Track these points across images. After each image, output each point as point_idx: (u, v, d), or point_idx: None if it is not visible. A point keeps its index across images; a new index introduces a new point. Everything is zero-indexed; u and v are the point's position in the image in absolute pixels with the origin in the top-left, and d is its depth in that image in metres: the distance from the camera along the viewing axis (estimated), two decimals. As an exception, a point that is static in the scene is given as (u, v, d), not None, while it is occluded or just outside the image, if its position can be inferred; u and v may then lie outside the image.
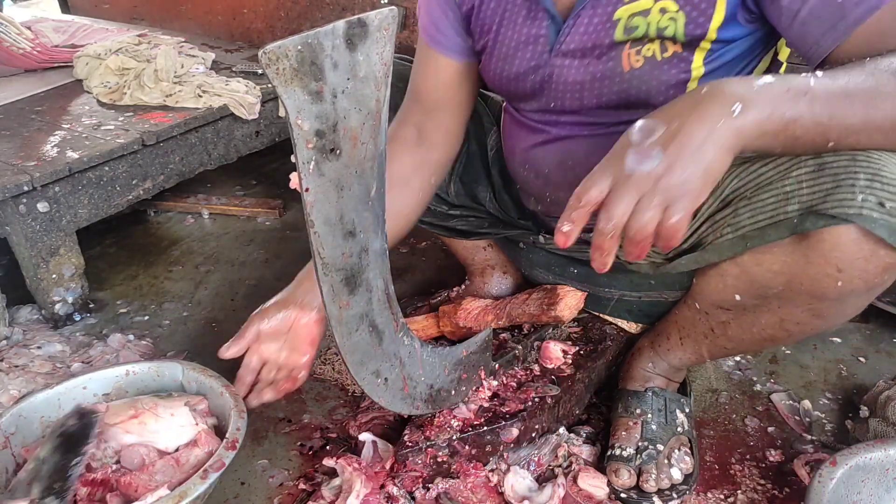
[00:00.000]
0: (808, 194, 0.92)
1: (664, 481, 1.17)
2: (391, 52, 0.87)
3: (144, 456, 1.13)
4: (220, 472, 1.07)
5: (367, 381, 1.08)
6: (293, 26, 2.47)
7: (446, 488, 1.15)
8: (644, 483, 1.17)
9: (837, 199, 0.88)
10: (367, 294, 1.01)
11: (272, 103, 2.06)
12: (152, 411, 1.17)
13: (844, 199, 0.88)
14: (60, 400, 1.24)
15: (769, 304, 1.05)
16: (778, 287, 1.01)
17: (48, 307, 1.67)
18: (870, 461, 1.07)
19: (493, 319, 1.40)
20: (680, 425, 1.25)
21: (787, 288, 1.00)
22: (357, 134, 0.88)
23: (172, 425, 1.16)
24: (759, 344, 1.14)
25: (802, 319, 1.04)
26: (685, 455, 1.21)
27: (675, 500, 1.17)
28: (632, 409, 1.25)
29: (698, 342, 1.21)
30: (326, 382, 1.46)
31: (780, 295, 1.02)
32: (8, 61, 2.21)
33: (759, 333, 1.11)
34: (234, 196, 2.25)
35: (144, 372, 1.29)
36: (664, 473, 1.18)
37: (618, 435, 1.23)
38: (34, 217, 1.60)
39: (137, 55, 2.08)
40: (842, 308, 1.01)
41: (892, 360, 1.49)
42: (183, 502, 1.02)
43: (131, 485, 1.07)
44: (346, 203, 0.91)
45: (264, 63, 0.77)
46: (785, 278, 0.99)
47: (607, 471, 1.20)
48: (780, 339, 1.11)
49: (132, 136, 1.77)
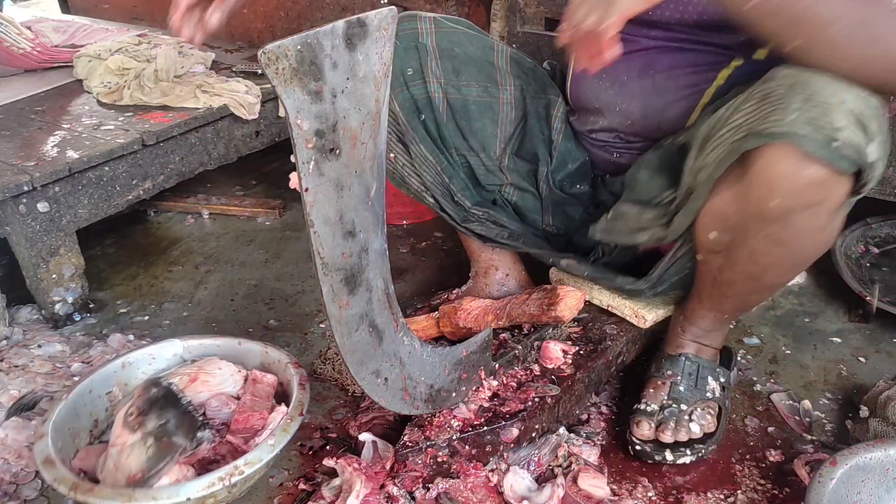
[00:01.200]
0: (752, 121, 0.98)
1: (682, 434, 1.22)
2: (391, 52, 0.87)
3: (225, 403, 1.29)
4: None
5: (367, 381, 1.08)
6: (293, 26, 2.47)
7: (446, 488, 1.15)
8: (661, 434, 1.22)
9: (773, 119, 0.94)
10: (367, 294, 1.01)
11: (272, 103, 2.06)
12: (203, 371, 1.31)
13: (778, 119, 0.94)
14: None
15: (736, 237, 1.10)
16: (735, 216, 1.07)
17: (48, 307, 1.67)
18: (870, 461, 1.07)
19: (493, 320, 1.40)
20: (710, 391, 1.28)
21: (742, 214, 1.05)
22: (357, 134, 0.88)
23: (226, 375, 1.32)
24: (749, 287, 1.18)
25: (766, 249, 1.08)
26: (708, 415, 1.25)
27: (689, 455, 1.21)
28: (664, 370, 1.30)
29: (710, 296, 1.25)
30: (326, 382, 1.46)
31: (740, 225, 1.07)
32: (8, 61, 2.21)
33: (742, 272, 1.15)
34: (234, 196, 2.25)
35: (140, 358, 1.37)
36: (683, 426, 1.22)
37: (646, 392, 1.29)
38: (34, 217, 1.60)
39: (137, 55, 2.08)
40: (793, 232, 1.04)
41: (892, 360, 1.49)
42: (293, 424, 1.17)
43: (239, 420, 1.24)
44: (345, 203, 0.91)
45: (264, 63, 0.77)
46: (737, 205, 1.05)
47: (630, 422, 1.25)
48: (761, 279, 1.15)
49: (132, 136, 1.77)
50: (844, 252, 1.71)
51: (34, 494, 1.24)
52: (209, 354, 1.37)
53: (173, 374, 1.31)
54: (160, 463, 1.10)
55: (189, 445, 1.14)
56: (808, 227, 1.04)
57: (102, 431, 1.29)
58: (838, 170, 0.95)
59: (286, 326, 1.65)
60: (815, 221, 1.03)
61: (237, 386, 1.32)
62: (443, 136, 1.40)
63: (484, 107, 1.41)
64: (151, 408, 1.13)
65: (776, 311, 1.64)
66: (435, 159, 1.39)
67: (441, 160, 1.40)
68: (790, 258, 1.11)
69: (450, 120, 1.39)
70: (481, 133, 1.42)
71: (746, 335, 1.57)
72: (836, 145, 0.92)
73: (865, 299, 1.55)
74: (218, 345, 1.39)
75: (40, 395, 1.41)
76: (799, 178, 0.96)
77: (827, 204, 1.00)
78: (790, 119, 0.92)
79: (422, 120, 1.37)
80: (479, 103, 1.41)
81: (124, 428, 1.13)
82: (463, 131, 1.41)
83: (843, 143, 0.92)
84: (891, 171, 1.62)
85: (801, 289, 1.71)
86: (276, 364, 1.34)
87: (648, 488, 1.21)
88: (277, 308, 1.72)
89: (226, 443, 1.22)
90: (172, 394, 1.16)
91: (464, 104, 1.39)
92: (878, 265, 1.74)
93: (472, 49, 1.39)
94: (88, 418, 1.27)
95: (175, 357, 1.38)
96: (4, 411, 1.37)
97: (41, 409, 1.38)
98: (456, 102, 1.39)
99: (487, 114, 1.41)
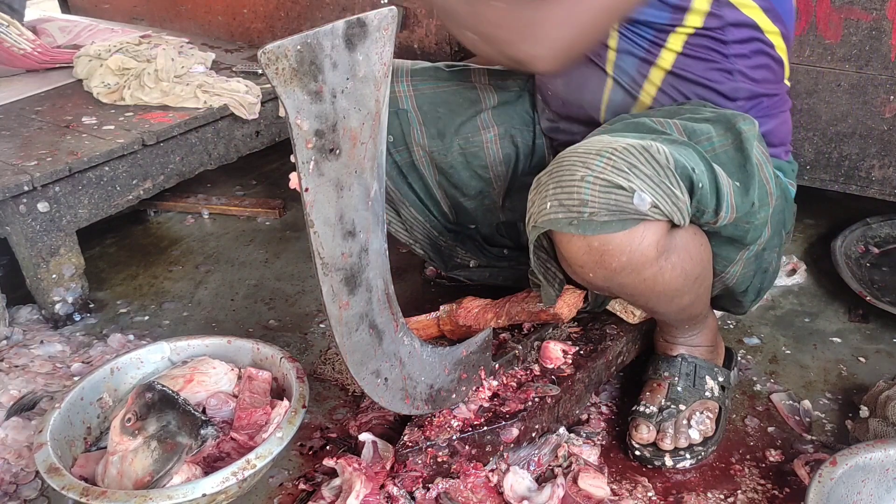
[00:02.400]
0: (530, 212, 1.05)
1: (681, 440, 1.22)
2: (390, 52, 0.87)
3: (224, 401, 1.29)
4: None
5: (367, 381, 1.08)
6: (293, 26, 2.46)
7: (446, 488, 1.15)
8: (660, 441, 1.22)
9: (539, 211, 1.03)
10: (367, 294, 1.01)
11: (272, 103, 2.06)
12: (198, 371, 1.31)
13: (542, 211, 1.02)
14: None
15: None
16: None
17: (48, 307, 1.67)
18: (870, 461, 1.07)
19: (492, 318, 1.40)
20: (709, 391, 1.28)
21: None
22: (357, 134, 0.88)
23: (220, 374, 1.32)
24: (663, 309, 1.22)
25: (631, 295, 1.15)
26: (706, 418, 1.25)
27: (689, 459, 1.22)
28: (661, 371, 1.30)
29: (643, 301, 1.24)
30: (326, 382, 1.46)
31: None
32: (9, 62, 2.21)
33: (641, 305, 1.26)
34: (234, 196, 2.25)
35: (128, 363, 1.37)
36: (682, 433, 1.23)
37: (644, 394, 1.29)
38: (34, 217, 1.60)
39: (137, 55, 2.07)
40: (638, 282, 1.07)
41: (892, 360, 1.49)
42: (297, 416, 1.19)
43: (242, 417, 1.25)
44: (345, 203, 0.91)
45: (263, 63, 0.77)
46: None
47: (629, 426, 1.25)
48: (665, 305, 1.19)
49: (132, 136, 1.77)
50: (844, 252, 1.71)
51: (34, 494, 1.24)
52: (198, 355, 1.37)
53: (166, 376, 1.31)
54: (168, 464, 1.11)
55: (195, 444, 1.13)
56: (643, 277, 1.07)
57: (97, 438, 1.29)
58: (607, 234, 0.99)
59: (286, 326, 1.65)
60: (645, 272, 1.06)
61: (232, 384, 1.32)
62: (431, 195, 1.44)
63: (470, 156, 1.42)
64: (149, 412, 1.13)
65: (776, 311, 1.64)
66: (424, 219, 1.45)
67: (430, 219, 1.45)
68: (666, 291, 1.12)
69: (441, 176, 1.43)
70: (474, 181, 1.44)
71: (746, 335, 1.57)
72: (589, 215, 0.98)
73: (865, 299, 1.55)
74: (206, 345, 1.39)
75: (40, 395, 1.41)
76: (583, 254, 1.03)
77: (637, 257, 1.03)
78: (549, 208, 1.01)
79: (408, 182, 1.41)
80: (464, 154, 1.42)
81: (123, 435, 1.13)
82: (456, 185, 1.44)
83: (598, 210, 0.98)
84: (891, 171, 1.62)
85: (801, 289, 1.71)
86: (268, 360, 1.35)
87: (648, 488, 1.21)
88: (277, 308, 1.72)
89: (229, 440, 1.22)
90: (168, 396, 1.16)
91: (452, 162, 1.41)
92: (878, 265, 1.74)
93: (455, 106, 1.40)
94: (81, 426, 1.27)
95: (163, 360, 1.38)
96: (4, 411, 1.37)
97: (41, 409, 1.38)
98: (444, 164, 1.41)
99: (474, 162, 1.43)
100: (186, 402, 1.18)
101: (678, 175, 1.00)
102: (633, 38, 1.20)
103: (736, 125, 1.12)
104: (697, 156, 1.04)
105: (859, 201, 1.78)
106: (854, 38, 1.54)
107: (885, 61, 1.53)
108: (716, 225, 1.09)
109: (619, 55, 1.22)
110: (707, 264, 1.16)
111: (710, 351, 1.33)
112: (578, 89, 1.29)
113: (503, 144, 1.42)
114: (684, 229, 1.08)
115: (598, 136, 1.06)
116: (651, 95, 1.24)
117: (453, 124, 1.40)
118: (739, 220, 1.10)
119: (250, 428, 1.23)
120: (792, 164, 1.34)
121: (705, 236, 1.14)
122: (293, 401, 1.21)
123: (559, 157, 1.03)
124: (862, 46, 1.54)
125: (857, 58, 1.55)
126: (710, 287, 1.22)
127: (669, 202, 0.99)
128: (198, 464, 1.16)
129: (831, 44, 1.57)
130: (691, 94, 1.22)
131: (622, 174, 0.97)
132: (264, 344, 1.37)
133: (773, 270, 1.32)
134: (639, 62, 1.21)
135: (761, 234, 1.17)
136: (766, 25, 1.18)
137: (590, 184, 0.98)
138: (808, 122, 1.66)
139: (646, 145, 1.00)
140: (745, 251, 1.19)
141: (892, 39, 1.51)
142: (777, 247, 1.28)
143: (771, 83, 1.25)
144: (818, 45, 1.58)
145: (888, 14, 1.49)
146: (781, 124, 1.30)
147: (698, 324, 1.29)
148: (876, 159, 1.62)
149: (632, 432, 1.25)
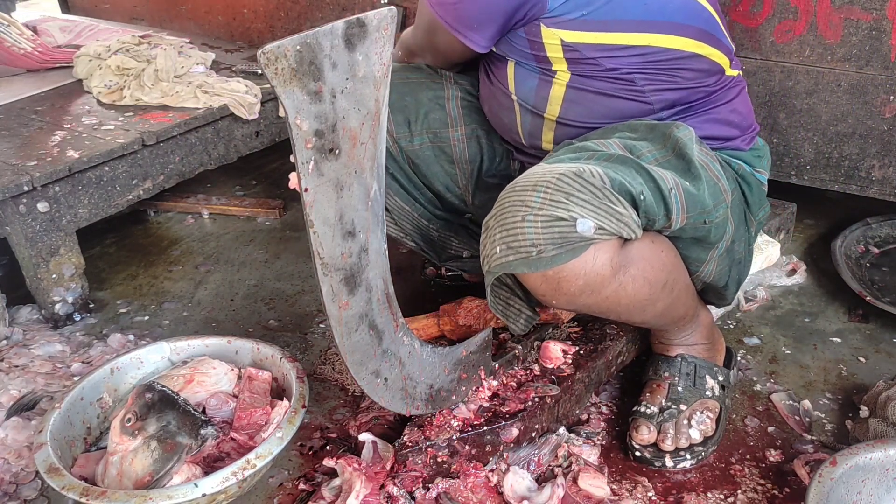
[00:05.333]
0: (483, 257, 1.07)
1: (682, 441, 1.23)
2: (390, 52, 0.87)
3: (224, 401, 1.29)
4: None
5: (366, 381, 1.08)
6: (293, 26, 2.47)
7: (446, 488, 1.15)
8: (661, 442, 1.23)
9: (490, 256, 1.05)
10: (367, 294, 1.01)
11: (272, 103, 2.06)
12: (198, 371, 1.31)
13: (493, 255, 1.05)
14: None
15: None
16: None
17: (48, 307, 1.67)
18: (870, 461, 1.07)
19: (492, 317, 1.40)
20: (709, 390, 1.29)
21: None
22: (356, 134, 0.88)
23: (220, 374, 1.32)
24: (641, 320, 1.24)
25: (605, 311, 1.16)
26: (707, 418, 1.25)
27: (689, 460, 1.23)
28: (661, 371, 1.31)
29: (615, 315, 1.25)
30: (326, 382, 1.46)
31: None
32: (9, 61, 2.21)
33: (618, 319, 1.26)
34: (234, 196, 2.25)
35: (128, 363, 1.37)
36: (682, 433, 1.23)
37: (644, 395, 1.29)
38: (34, 217, 1.60)
39: (137, 55, 2.08)
40: (601, 300, 1.09)
41: (892, 360, 1.49)
42: (297, 416, 1.20)
43: (242, 417, 1.24)
44: (345, 203, 0.91)
45: (263, 63, 0.77)
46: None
47: (629, 427, 1.26)
48: (639, 316, 1.21)
49: (132, 136, 1.77)
50: (844, 252, 1.71)
51: (34, 494, 1.24)
52: (197, 355, 1.38)
53: (167, 376, 1.31)
54: (168, 464, 1.11)
55: (195, 444, 1.14)
56: (605, 295, 1.08)
57: (97, 438, 1.29)
58: (558, 265, 1.01)
59: (286, 326, 1.65)
60: (606, 290, 1.07)
61: (232, 384, 1.33)
62: (413, 182, 1.45)
63: (437, 150, 1.43)
64: (149, 412, 1.13)
65: (776, 311, 1.64)
66: (411, 207, 1.44)
67: (417, 207, 1.45)
68: (635, 302, 1.13)
69: (412, 167, 1.43)
70: (442, 175, 1.44)
71: (746, 335, 1.57)
72: (538, 254, 1.00)
73: (865, 299, 1.55)
74: (206, 345, 1.39)
75: (40, 395, 1.41)
76: (540, 285, 1.05)
77: (593, 278, 1.04)
78: (499, 252, 1.03)
79: (390, 172, 1.40)
80: (433, 147, 1.42)
81: (123, 435, 1.13)
82: (425, 176, 1.44)
83: (545, 246, 1.00)
84: (891, 171, 1.62)
85: (801, 289, 1.71)
86: (268, 360, 1.35)
87: (648, 488, 1.21)
88: (277, 308, 1.72)
89: (229, 440, 1.22)
90: (168, 396, 1.16)
91: (419, 152, 1.42)
92: (878, 265, 1.74)
93: (423, 97, 1.40)
94: (81, 426, 1.27)
95: (163, 360, 1.38)
96: (4, 411, 1.37)
97: (41, 409, 1.38)
98: (412, 153, 1.41)
99: (441, 157, 1.43)
100: (186, 402, 1.18)
101: (617, 192, 1.01)
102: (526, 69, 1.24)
103: (671, 134, 1.13)
104: (634, 169, 1.05)
105: (859, 201, 1.78)
106: (854, 38, 1.54)
107: (885, 61, 1.53)
108: (672, 229, 1.10)
109: (517, 81, 1.26)
110: (673, 268, 1.16)
111: (708, 348, 1.33)
112: (498, 115, 1.35)
113: (469, 144, 1.43)
114: (640, 240, 1.08)
115: (535, 168, 1.07)
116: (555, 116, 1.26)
117: (420, 112, 1.40)
118: (697, 220, 1.11)
119: (250, 428, 1.23)
120: (757, 151, 1.31)
121: (667, 241, 1.15)
122: (293, 401, 1.21)
123: (501, 196, 1.05)
124: (862, 46, 1.54)
125: (857, 58, 1.55)
126: (686, 289, 1.22)
127: (613, 220, 1.01)
128: (198, 464, 1.16)
129: (831, 44, 1.57)
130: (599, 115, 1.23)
131: (560, 205, 0.99)
132: (264, 344, 1.37)
133: (747, 259, 1.33)
134: (538, 85, 1.24)
135: (725, 231, 1.18)
136: (639, 40, 1.16)
137: (531, 222, 1.00)
138: (808, 122, 1.66)
139: (578, 171, 1.01)
140: (714, 250, 1.19)
141: (892, 39, 1.51)
142: (745, 236, 1.29)
143: (702, 81, 1.22)
144: (818, 45, 1.58)
145: (888, 14, 1.49)
146: (731, 113, 1.27)
147: (688, 324, 1.29)
148: (876, 159, 1.62)
149: (632, 433, 1.25)
